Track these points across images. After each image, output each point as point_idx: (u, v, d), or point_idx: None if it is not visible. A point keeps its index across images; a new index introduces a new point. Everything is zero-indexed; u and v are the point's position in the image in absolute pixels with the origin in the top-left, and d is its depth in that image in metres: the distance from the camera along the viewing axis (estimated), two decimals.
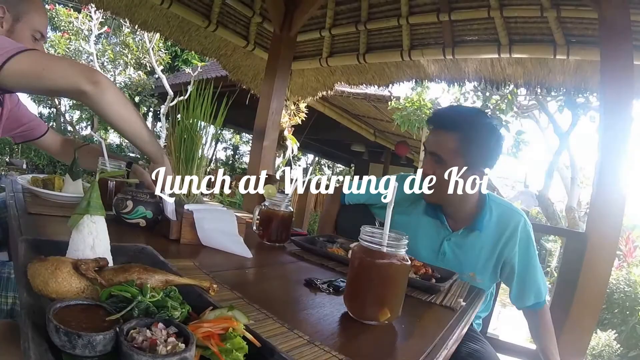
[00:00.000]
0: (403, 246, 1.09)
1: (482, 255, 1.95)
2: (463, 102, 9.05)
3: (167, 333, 0.63)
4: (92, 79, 1.39)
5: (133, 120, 1.58)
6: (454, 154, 1.77)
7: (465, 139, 1.75)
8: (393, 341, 1.03)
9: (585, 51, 3.52)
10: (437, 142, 1.81)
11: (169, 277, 0.83)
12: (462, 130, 1.77)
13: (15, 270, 1.39)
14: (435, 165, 1.82)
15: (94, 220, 0.90)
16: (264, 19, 5.00)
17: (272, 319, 0.96)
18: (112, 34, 14.23)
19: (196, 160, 1.76)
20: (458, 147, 1.76)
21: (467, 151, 1.76)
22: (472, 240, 1.95)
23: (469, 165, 1.77)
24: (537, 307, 1.97)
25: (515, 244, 1.92)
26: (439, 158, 1.80)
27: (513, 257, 1.93)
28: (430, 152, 1.84)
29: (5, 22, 1.87)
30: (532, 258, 1.94)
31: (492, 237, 1.94)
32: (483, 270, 1.97)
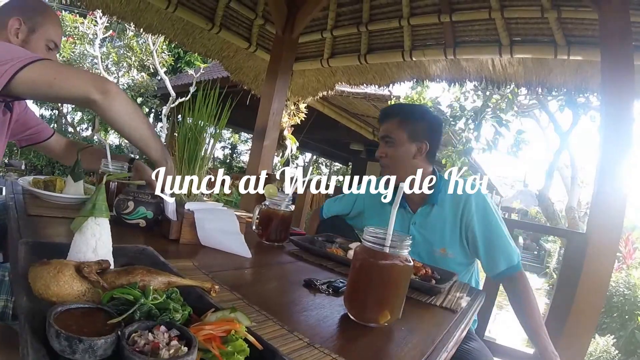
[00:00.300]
0: (406, 247, 1.10)
1: (447, 228, 2.08)
2: (464, 101, 9.04)
3: (169, 336, 0.63)
4: (102, 88, 1.42)
5: (140, 128, 1.58)
6: (397, 131, 2.09)
7: (404, 117, 2.12)
8: (393, 344, 1.03)
9: (586, 52, 3.52)
10: (385, 127, 2.14)
11: (172, 279, 0.83)
12: (400, 114, 2.15)
13: (13, 274, 1.39)
14: (386, 146, 2.13)
15: (98, 223, 0.90)
16: (266, 21, 5.01)
17: (272, 321, 0.96)
18: (117, 37, 14.25)
19: (199, 160, 1.78)
20: (399, 123, 2.10)
21: (406, 125, 2.09)
22: (433, 217, 2.11)
23: (410, 136, 2.08)
24: (512, 272, 1.98)
25: (471, 211, 2.03)
26: (388, 138, 2.11)
27: (473, 225, 2.02)
28: (381, 137, 2.16)
29: (20, 32, 1.89)
30: (492, 224, 2.01)
31: (451, 210, 2.08)
32: (451, 243, 2.08)
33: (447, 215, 2.08)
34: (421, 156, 2.11)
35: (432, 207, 2.11)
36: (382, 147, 2.14)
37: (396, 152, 2.09)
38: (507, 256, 1.97)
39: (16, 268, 0.93)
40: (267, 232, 1.90)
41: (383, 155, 2.13)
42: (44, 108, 15.94)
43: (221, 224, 1.67)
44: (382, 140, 2.14)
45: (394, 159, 2.10)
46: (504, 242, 1.98)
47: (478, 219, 2.02)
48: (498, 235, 1.99)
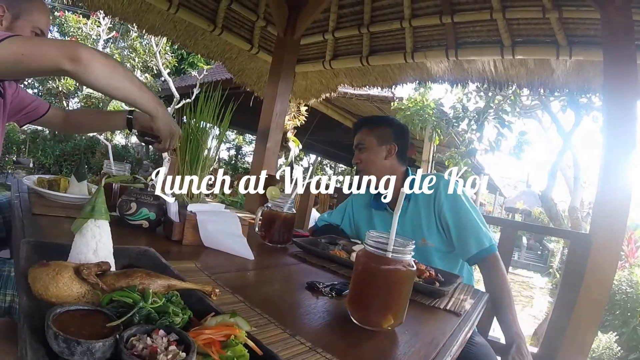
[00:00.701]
0: (409, 252, 1.09)
1: (423, 219, 2.21)
2: (466, 102, 9.02)
3: (168, 341, 0.63)
4: (73, 55, 1.35)
5: (123, 87, 1.52)
6: (366, 137, 2.33)
7: (370, 126, 2.37)
8: (396, 348, 1.02)
9: (588, 52, 3.51)
10: (357, 138, 2.38)
11: (172, 282, 0.83)
12: (368, 124, 2.40)
13: (16, 272, 1.39)
14: (359, 153, 2.36)
15: (98, 225, 0.90)
16: (268, 22, 5.02)
17: (273, 325, 0.95)
18: (120, 38, 14.29)
19: (201, 161, 1.78)
20: (368, 132, 2.34)
21: (373, 133, 2.33)
22: (410, 212, 2.25)
23: (379, 140, 2.31)
24: (484, 255, 2.02)
25: (441, 199, 2.15)
26: (360, 145, 2.35)
27: (444, 212, 2.13)
28: (355, 146, 2.38)
29: (4, 19, 1.89)
30: (462, 209, 2.10)
31: (424, 202, 2.22)
32: (429, 233, 2.18)
33: (421, 206, 2.22)
34: (391, 157, 2.32)
35: (408, 204, 2.26)
36: (356, 155, 2.38)
37: (369, 156, 2.33)
38: (477, 239, 2.03)
39: (18, 267, 0.93)
40: (270, 234, 1.90)
41: (358, 161, 2.37)
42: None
43: (224, 226, 1.67)
44: (356, 149, 2.38)
45: (368, 162, 2.33)
46: (473, 226, 2.05)
47: (448, 206, 2.13)
48: (468, 220, 2.07)
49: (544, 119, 9.70)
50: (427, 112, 9.28)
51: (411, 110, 9.32)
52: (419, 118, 9.29)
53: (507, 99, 8.34)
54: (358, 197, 2.64)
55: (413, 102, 9.41)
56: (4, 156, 13.07)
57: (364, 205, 2.55)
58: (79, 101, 16.19)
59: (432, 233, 2.17)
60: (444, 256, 2.17)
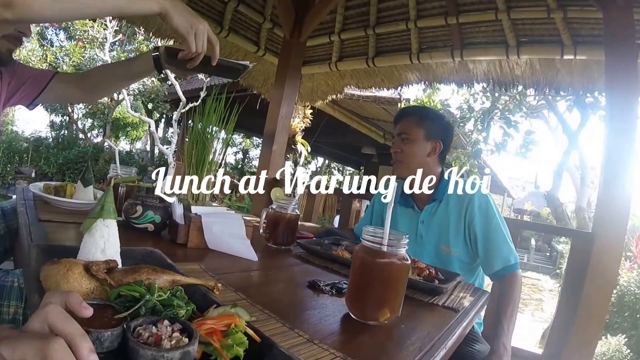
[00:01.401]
0: (403, 245, 1.11)
1: (451, 226, 2.15)
2: (472, 103, 9.02)
3: (172, 330, 0.66)
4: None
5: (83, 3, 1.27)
6: (414, 129, 2.19)
7: (422, 116, 2.23)
8: (392, 340, 1.05)
9: (592, 51, 3.53)
10: (403, 125, 2.24)
11: (176, 277, 0.86)
12: (418, 113, 2.26)
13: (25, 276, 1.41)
14: (402, 142, 2.21)
15: (107, 224, 0.93)
16: (274, 24, 5.06)
17: (274, 319, 0.98)
18: (127, 41, 14.35)
19: (207, 164, 1.80)
20: (418, 122, 2.20)
21: (423, 124, 2.19)
22: (439, 214, 2.19)
23: (426, 134, 2.18)
24: (508, 272, 2.02)
25: (474, 209, 2.09)
26: (405, 135, 2.20)
27: (475, 224, 2.09)
28: (398, 134, 2.24)
29: None
30: (493, 223, 2.06)
31: (455, 208, 2.15)
32: (455, 241, 2.13)
33: (452, 212, 2.15)
34: (434, 155, 2.21)
35: (438, 204, 2.20)
36: (397, 143, 2.23)
37: (411, 149, 2.19)
38: (503, 256, 2.01)
39: (28, 270, 0.96)
40: (274, 236, 1.92)
41: (398, 150, 2.22)
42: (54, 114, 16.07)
43: (228, 228, 1.68)
44: (399, 137, 2.23)
45: (409, 154, 2.19)
46: (502, 242, 2.02)
47: (479, 218, 2.08)
48: (497, 235, 2.04)
49: (550, 119, 9.67)
50: None
51: None
52: None
53: (513, 99, 8.33)
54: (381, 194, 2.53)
55: (420, 103, 9.41)
56: (5, 166, 13.00)
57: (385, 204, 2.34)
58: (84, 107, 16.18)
59: (458, 242, 2.13)
60: (465, 267, 2.13)
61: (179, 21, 1.43)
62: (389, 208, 1.15)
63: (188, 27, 1.45)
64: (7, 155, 13.30)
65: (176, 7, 1.42)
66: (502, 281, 2.02)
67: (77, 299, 0.58)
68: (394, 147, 2.25)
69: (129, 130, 18.51)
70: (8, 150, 13.53)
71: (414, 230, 2.23)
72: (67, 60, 14.05)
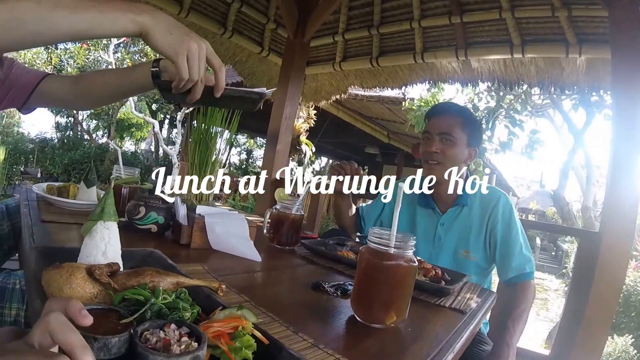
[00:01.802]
0: (410, 247, 1.10)
1: (473, 231, 2.12)
2: (477, 102, 8.99)
3: (180, 333, 0.65)
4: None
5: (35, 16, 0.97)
6: (459, 132, 2.08)
7: (467, 120, 2.11)
8: (399, 344, 1.04)
9: (597, 49, 3.51)
10: (448, 124, 2.10)
11: (180, 279, 0.85)
12: (464, 115, 2.14)
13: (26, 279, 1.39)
14: (443, 144, 2.09)
15: (107, 227, 0.91)
16: (278, 25, 5.05)
17: (277, 322, 0.97)
18: (131, 43, 14.39)
19: (210, 165, 1.79)
20: (463, 126, 2.09)
21: (468, 130, 2.10)
22: (462, 218, 2.16)
23: (469, 140, 2.11)
24: (523, 279, 2.01)
25: (497, 216, 2.08)
26: (450, 136, 2.08)
27: (496, 231, 2.08)
28: (440, 134, 2.10)
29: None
30: (513, 231, 2.05)
31: (479, 213, 2.13)
32: (475, 246, 2.12)
33: (474, 218, 2.13)
34: (469, 161, 2.17)
35: (462, 209, 2.16)
36: (437, 142, 2.10)
37: (453, 152, 2.09)
38: (519, 263, 2.01)
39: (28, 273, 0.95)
40: (278, 236, 1.90)
41: (437, 151, 2.09)
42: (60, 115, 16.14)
43: (231, 228, 1.68)
44: (440, 136, 2.10)
45: (449, 158, 2.09)
46: (519, 250, 2.02)
47: (502, 224, 2.07)
48: (516, 242, 2.03)
49: (556, 118, 9.64)
50: None
51: (422, 110, 9.30)
52: None
53: (518, 98, 8.30)
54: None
55: (424, 102, 9.39)
56: (12, 167, 13.05)
57: (408, 202, 2.33)
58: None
59: (478, 247, 2.11)
60: (481, 272, 2.13)
61: (165, 41, 1.10)
62: (396, 209, 1.14)
63: (177, 48, 1.10)
64: (13, 157, 13.38)
65: (159, 23, 1.09)
66: (514, 287, 2.01)
67: (76, 306, 0.56)
68: (434, 146, 2.10)
69: (133, 130, 18.59)
70: (14, 152, 13.61)
71: (432, 233, 2.20)
72: (71, 62, 14.12)
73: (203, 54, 1.14)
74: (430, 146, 2.10)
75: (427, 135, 2.16)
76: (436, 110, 2.22)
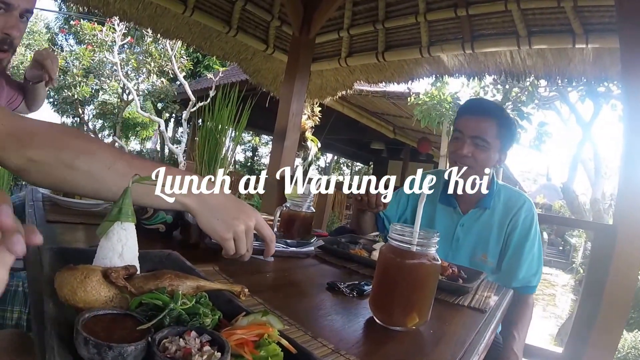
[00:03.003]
0: (433, 244, 1.06)
1: (492, 235, 2.06)
2: (483, 95, 8.96)
3: (201, 342, 0.62)
4: None
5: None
6: (494, 137, 1.98)
7: (503, 125, 1.99)
8: (421, 348, 1.01)
9: (604, 39, 3.47)
10: (482, 127, 1.98)
11: (200, 283, 0.82)
12: (500, 117, 2.01)
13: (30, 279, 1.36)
14: (475, 148, 1.98)
15: (124, 227, 0.89)
16: (282, 22, 5.03)
17: (294, 327, 0.94)
18: (135, 43, 14.42)
19: (219, 161, 1.77)
20: (498, 131, 1.98)
21: (502, 135, 2.00)
22: (483, 221, 2.09)
23: (501, 146, 2.02)
24: (524, 292, 1.99)
25: (518, 221, 2.03)
26: (483, 141, 1.97)
27: (513, 236, 2.02)
28: (473, 137, 1.98)
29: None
30: (529, 240, 2.01)
31: (500, 217, 2.07)
32: (493, 251, 2.07)
33: (495, 222, 2.07)
34: (499, 165, 2.11)
35: (484, 211, 2.09)
36: (469, 145, 1.99)
37: (485, 158, 2.00)
38: (527, 276, 1.98)
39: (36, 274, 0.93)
40: (289, 235, 1.87)
41: (469, 155, 1.99)
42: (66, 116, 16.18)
43: None
44: (472, 139, 1.99)
45: (481, 163, 2.00)
46: (531, 262, 1.99)
47: (520, 231, 2.02)
48: (529, 253, 1.99)
49: (563, 110, 9.60)
50: (444, 107, 9.24)
51: (428, 104, 9.28)
52: (436, 112, 9.25)
53: (525, 91, 8.26)
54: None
55: (430, 96, 9.36)
56: None
57: (429, 198, 2.16)
58: (94, 108, 16.37)
59: (495, 251, 2.06)
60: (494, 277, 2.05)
61: (210, 225, 1.08)
62: (420, 203, 1.11)
63: (223, 234, 1.07)
64: None
65: (204, 208, 1.08)
66: (516, 297, 1.95)
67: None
68: (466, 150, 1.99)
69: (138, 130, 18.63)
70: None
71: (452, 232, 2.14)
72: (77, 64, 14.16)
73: (251, 234, 1.13)
74: (461, 148, 1.99)
75: (459, 135, 2.04)
76: (471, 108, 2.10)
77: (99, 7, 4.04)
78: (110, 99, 16.42)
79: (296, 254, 1.50)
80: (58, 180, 0.98)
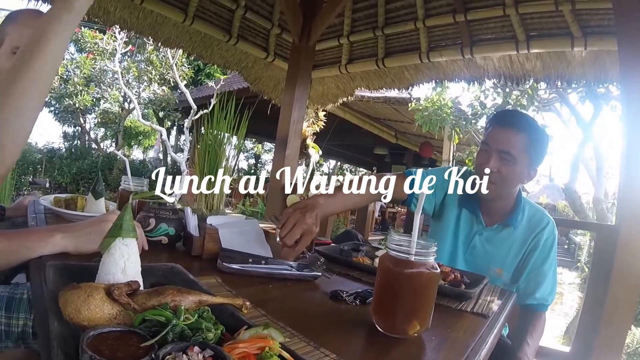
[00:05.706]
0: (432, 254, 1.07)
1: (512, 252, 2.04)
2: (484, 99, 8.95)
3: (204, 357, 0.63)
4: None
5: None
6: (523, 152, 1.90)
7: (533, 140, 1.91)
8: (424, 355, 1.02)
9: (603, 41, 3.47)
10: (509, 141, 1.90)
11: (202, 297, 0.83)
12: (530, 131, 1.92)
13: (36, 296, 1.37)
14: (502, 162, 1.91)
15: (126, 243, 0.90)
16: (282, 30, 5.03)
17: (297, 337, 0.95)
18: (136, 51, 14.45)
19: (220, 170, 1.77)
20: (527, 146, 1.90)
21: (532, 150, 1.92)
22: (504, 236, 2.05)
23: (530, 162, 1.95)
24: (538, 310, 1.99)
25: (540, 242, 2.00)
26: (509, 156, 1.89)
27: (532, 255, 2.00)
28: (500, 150, 1.91)
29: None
30: (548, 262, 2.00)
31: (522, 235, 2.03)
32: (510, 267, 2.06)
33: (517, 239, 2.04)
34: (527, 182, 2.04)
35: (506, 228, 2.05)
36: (495, 160, 1.92)
37: (512, 173, 1.92)
38: (543, 296, 1.98)
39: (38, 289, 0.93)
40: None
41: (494, 170, 1.92)
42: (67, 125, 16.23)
43: (247, 237, 1.66)
44: (498, 153, 1.91)
45: (507, 179, 1.94)
46: (547, 281, 1.99)
47: (540, 252, 2.00)
48: (547, 274, 1.99)
49: (563, 112, 9.59)
50: (444, 112, 9.24)
51: (429, 110, 9.28)
52: (437, 118, 9.25)
53: (525, 94, 8.26)
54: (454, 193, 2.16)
55: (430, 102, 9.37)
56: (20, 177, 13.09)
57: (455, 200, 2.16)
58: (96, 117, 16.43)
59: (512, 267, 2.05)
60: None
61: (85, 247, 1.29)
62: (416, 215, 1.12)
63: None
64: (21, 167, 13.47)
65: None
66: (529, 313, 1.99)
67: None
68: (491, 164, 1.92)
69: (140, 138, 18.67)
70: (22, 162, 13.71)
71: (469, 238, 2.11)
72: (78, 72, 14.21)
73: None
74: (487, 162, 1.93)
75: (486, 147, 1.99)
76: (502, 120, 2.03)
77: (100, 15, 4.03)
78: (112, 107, 16.46)
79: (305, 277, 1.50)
80: None
